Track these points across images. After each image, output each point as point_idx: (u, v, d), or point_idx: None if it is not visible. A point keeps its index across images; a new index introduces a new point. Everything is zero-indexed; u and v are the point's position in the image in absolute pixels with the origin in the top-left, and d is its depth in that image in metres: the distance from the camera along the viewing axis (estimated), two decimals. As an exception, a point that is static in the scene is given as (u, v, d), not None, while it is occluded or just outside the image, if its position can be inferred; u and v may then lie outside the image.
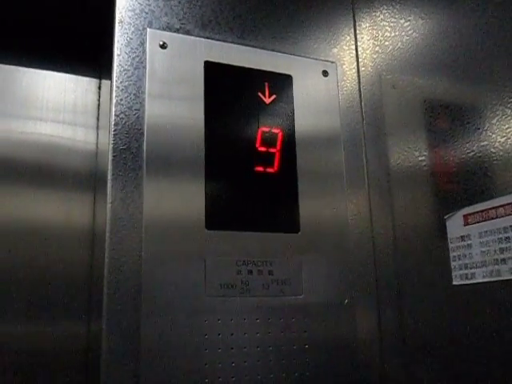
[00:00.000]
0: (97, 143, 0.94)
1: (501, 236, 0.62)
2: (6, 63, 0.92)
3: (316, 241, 0.79)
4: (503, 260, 0.61)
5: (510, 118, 0.62)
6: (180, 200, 0.72)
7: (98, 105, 0.96)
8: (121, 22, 0.75)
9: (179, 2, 0.80)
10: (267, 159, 0.79)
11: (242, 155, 0.78)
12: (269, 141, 0.80)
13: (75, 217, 0.90)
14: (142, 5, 0.77)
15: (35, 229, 0.87)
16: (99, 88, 0.95)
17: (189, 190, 0.73)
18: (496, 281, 0.62)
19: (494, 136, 0.64)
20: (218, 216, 0.73)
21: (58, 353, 0.84)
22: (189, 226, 0.72)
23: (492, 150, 0.64)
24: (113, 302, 0.66)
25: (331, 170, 0.83)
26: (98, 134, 0.94)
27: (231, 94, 0.79)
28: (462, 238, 0.68)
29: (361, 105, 0.88)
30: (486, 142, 0.65)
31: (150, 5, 0.78)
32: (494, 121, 0.64)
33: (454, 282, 0.69)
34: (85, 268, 0.87)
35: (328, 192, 0.82)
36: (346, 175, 0.84)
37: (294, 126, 0.82)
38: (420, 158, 0.78)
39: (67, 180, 0.91)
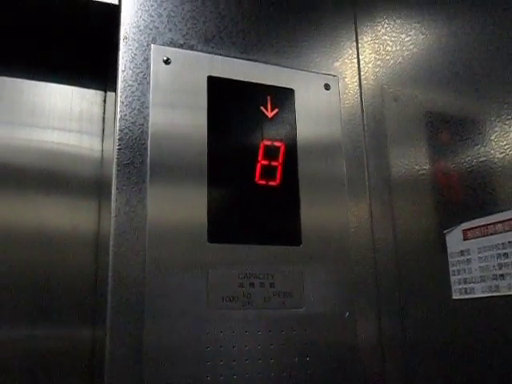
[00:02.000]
0: (102, 151, 0.95)
1: (499, 252, 0.63)
2: (15, 76, 0.94)
3: (317, 253, 0.80)
4: (502, 275, 0.62)
5: (508, 134, 0.63)
6: (183, 214, 0.73)
7: (104, 116, 0.97)
8: (125, 38, 0.77)
9: (183, 18, 0.81)
10: (269, 172, 0.80)
11: (245, 169, 0.79)
12: (271, 154, 0.81)
13: (81, 221, 0.91)
14: (146, 21, 0.79)
15: (42, 234, 0.89)
16: (104, 101, 0.97)
17: (191, 203, 0.74)
18: (495, 296, 0.63)
19: (492, 152, 0.65)
20: (221, 229, 0.74)
21: (63, 356, 0.85)
22: (192, 240, 0.73)
23: (491, 166, 0.65)
24: (116, 314, 0.67)
25: (333, 182, 0.84)
26: (103, 142, 0.96)
27: (234, 108, 0.80)
28: (462, 252, 0.68)
29: (362, 118, 0.89)
30: (484, 158, 0.66)
31: (154, 21, 0.79)
32: (493, 137, 0.65)
33: (454, 297, 0.69)
34: (90, 273, 0.89)
35: (329, 205, 0.83)
36: (347, 188, 0.85)
37: (296, 139, 0.83)
38: (420, 172, 0.78)
39: (73, 186, 0.92)
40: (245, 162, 0.79)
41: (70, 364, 0.85)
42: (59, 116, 0.95)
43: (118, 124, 0.73)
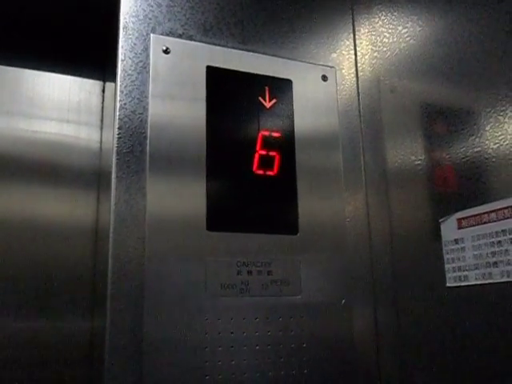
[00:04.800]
0: (100, 141, 0.96)
1: (493, 240, 0.64)
2: (13, 65, 0.94)
3: (314, 242, 0.81)
4: (495, 263, 0.63)
5: (502, 125, 0.64)
6: (182, 202, 0.74)
7: (102, 106, 0.98)
8: (125, 27, 0.77)
9: (182, 8, 0.82)
10: (267, 162, 0.81)
11: (243, 158, 0.79)
12: (269, 144, 0.81)
13: (79, 211, 0.92)
14: (145, 11, 0.79)
15: (40, 225, 0.89)
16: (103, 91, 0.97)
17: (190, 192, 0.75)
18: (488, 283, 0.65)
19: (487, 142, 0.66)
20: (219, 218, 0.75)
21: (62, 347, 0.86)
22: (190, 228, 0.73)
23: (485, 156, 0.66)
24: (116, 301, 0.68)
25: (330, 172, 0.85)
26: (101, 132, 0.96)
27: (233, 98, 0.81)
28: (456, 241, 0.70)
29: (359, 109, 0.90)
30: (479, 148, 0.67)
31: (153, 11, 0.80)
32: (488, 128, 0.66)
33: (448, 284, 0.71)
34: (88, 263, 0.89)
35: (326, 194, 0.84)
36: (344, 178, 0.86)
37: (293, 129, 0.84)
38: (416, 162, 0.79)
39: (71, 176, 0.93)
40: (243, 151, 0.80)
41: (69, 354, 0.86)
42: (57, 106, 0.95)
43: (117, 113, 0.74)
